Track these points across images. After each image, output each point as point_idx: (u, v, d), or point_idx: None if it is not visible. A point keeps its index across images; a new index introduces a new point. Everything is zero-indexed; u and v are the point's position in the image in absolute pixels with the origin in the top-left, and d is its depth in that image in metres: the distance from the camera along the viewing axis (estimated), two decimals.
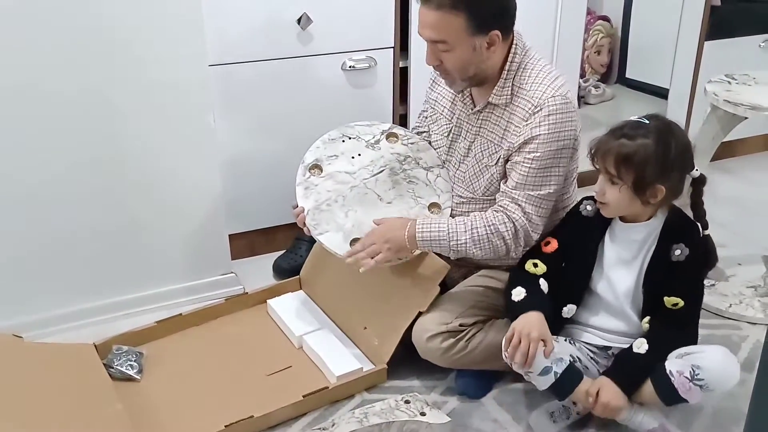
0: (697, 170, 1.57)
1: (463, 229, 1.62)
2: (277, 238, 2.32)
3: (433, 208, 1.78)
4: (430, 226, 1.63)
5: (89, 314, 1.98)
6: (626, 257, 1.60)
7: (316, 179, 1.78)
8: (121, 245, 1.97)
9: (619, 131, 1.51)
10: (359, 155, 1.81)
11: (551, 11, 2.46)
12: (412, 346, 1.72)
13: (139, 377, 1.76)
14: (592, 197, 1.61)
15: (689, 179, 1.57)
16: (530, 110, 1.58)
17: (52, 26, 1.69)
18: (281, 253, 2.27)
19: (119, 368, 1.76)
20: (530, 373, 1.53)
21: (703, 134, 2.05)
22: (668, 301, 1.55)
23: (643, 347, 1.53)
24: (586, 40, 3.27)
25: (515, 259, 1.76)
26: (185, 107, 1.90)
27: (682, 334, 1.56)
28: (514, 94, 1.63)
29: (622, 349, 1.61)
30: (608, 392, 1.52)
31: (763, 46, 2.80)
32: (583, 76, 3.37)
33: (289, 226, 2.18)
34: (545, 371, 1.52)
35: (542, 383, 1.54)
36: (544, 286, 1.62)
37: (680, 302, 1.54)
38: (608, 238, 1.61)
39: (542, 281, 1.62)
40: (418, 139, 1.87)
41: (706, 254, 1.58)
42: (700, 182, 1.58)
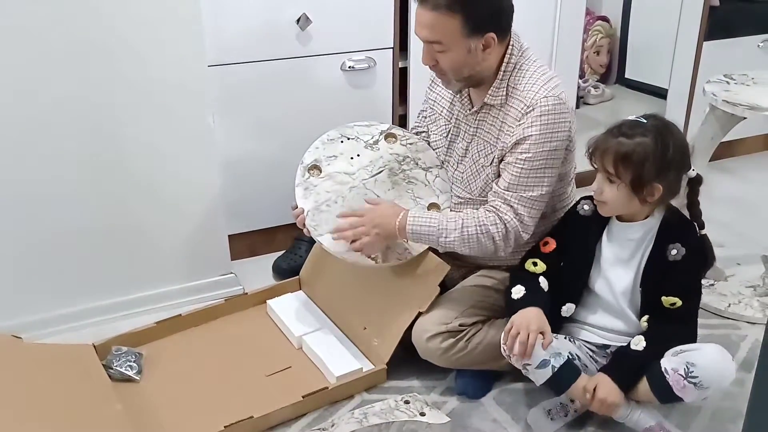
0: (693, 170, 1.58)
1: (453, 226, 1.62)
2: (276, 238, 2.32)
3: (432, 208, 1.78)
4: (421, 219, 1.64)
5: (88, 315, 1.98)
6: (623, 256, 1.60)
7: (315, 180, 1.78)
8: (120, 246, 1.97)
9: (617, 130, 1.52)
10: (358, 156, 1.82)
11: (550, 12, 2.46)
12: (411, 346, 1.72)
13: (138, 378, 1.76)
14: (589, 197, 1.62)
15: (686, 179, 1.58)
16: (523, 110, 1.58)
17: (51, 26, 1.69)
18: (281, 253, 2.27)
19: (119, 369, 1.76)
20: (528, 366, 1.53)
21: (702, 134, 2.05)
22: (666, 300, 1.55)
23: (640, 344, 1.54)
24: (585, 40, 3.27)
25: (514, 258, 1.77)
26: (185, 108, 1.90)
27: (680, 332, 1.56)
28: (509, 94, 1.63)
29: (620, 345, 1.61)
30: (605, 388, 1.53)
31: (761, 46, 2.80)
32: (582, 76, 3.37)
33: (288, 226, 2.18)
34: (543, 364, 1.52)
35: (540, 377, 1.54)
36: (544, 284, 1.62)
37: (678, 302, 1.55)
38: (606, 237, 1.62)
39: (542, 279, 1.63)
40: (416, 139, 1.87)
41: (702, 254, 1.59)
42: (696, 182, 1.59)
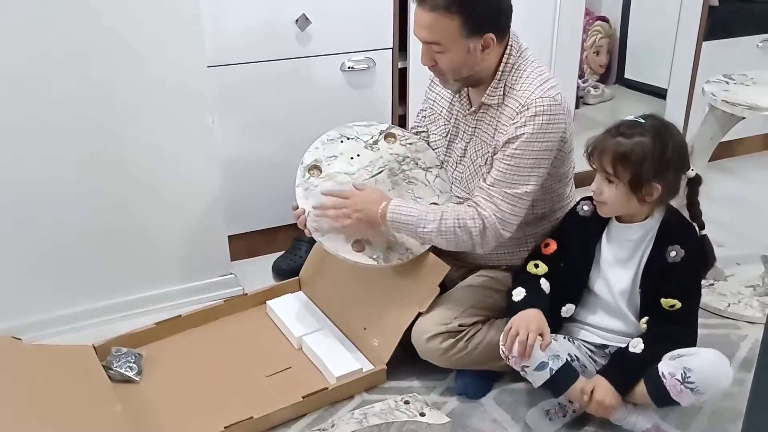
0: (693, 170, 1.58)
1: (432, 218, 1.62)
2: (276, 239, 2.32)
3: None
4: (402, 208, 1.65)
5: (88, 316, 1.98)
6: (622, 257, 1.60)
7: (315, 180, 1.78)
8: (120, 247, 1.97)
9: (615, 130, 1.52)
10: (358, 156, 1.82)
11: (549, 12, 2.46)
12: (411, 346, 1.72)
13: (138, 379, 1.76)
14: (589, 197, 1.62)
15: (685, 179, 1.57)
16: (517, 109, 1.58)
17: (51, 26, 1.69)
18: (281, 254, 2.27)
19: (118, 370, 1.76)
20: (526, 368, 1.53)
21: (701, 134, 2.05)
22: (665, 302, 1.55)
23: (638, 347, 1.54)
24: (584, 40, 3.27)
25: (514, 258, 1.77)
26: (184, 108, 1.90)
27: (679, 334, 1.56)
28: (506, 94, 1.62)
29: (618, 348, 1.61)
30: (602, 391, 1.53)
31: (761, 46, 2.80)
32: (582, 76, 3.38)
33: (288, 227, 2.18)
34: (541, 366, 1.52)
35: (538, 379, 1.54)
36: (545, 285, 1.63)
37: (677, 304, 1.54)
38: (605, 238, 1.62)
39: (543, 281, 1.63)
40: (416, 139, 1.87)
41: (702, 255, 1.58)
42: (696, 182, 1.59)
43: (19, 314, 1.89)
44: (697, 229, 1.59)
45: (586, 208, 1.64)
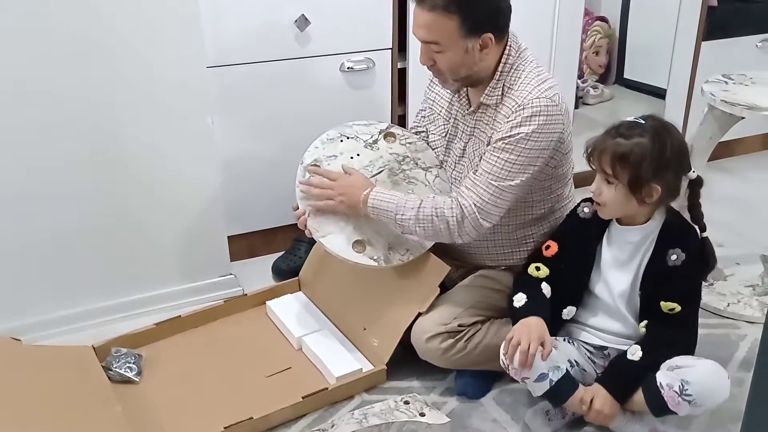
0: (694, 172, 1.57)
1: (411, 206, 1.63)
2: (276, 239, 2.32)
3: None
4: (384, 195, 1.66)
5: (88, 316, 1.98)
6: (622, 259, 1.60)
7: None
8: (119, 247, 1.97)
9: (615, 131, 1.51)
10: (358, 155, 1.81)
11: (548, 12, 2.46)
12: (411, 346, 1.72)
13: (138, 379, 1.76)
14: (590, 199, 1.61)
15: (686, 181, 1.56)
16: (513, 108, 1.58)
17: (52, 26, 1.69)
18: (280, 254, 2.27)
19: (118, 370, 1.76)
20: (526, 379, 1.53)
21: (700, 134, 2.05)
22: (665, 305, 1.54)
23: (637, 354, 1.53)
24: (584, 40, 3.27)
25: (513, 258, 1.77)
26: (184, 108, 1.90)
27: (678, 339, 1.55)
28: (504, 94, 1.62)
29: (617, 351, 1.61)
30: (601, 400, 1.53)
31: (760, 46, 2.81)
32: (581, 76, 3.38)
33: (288, 227, 2.18)
34: (541, 378, 1.52)
35: (538, 389, 1.54)
36: (546, 290, 1.62)
37: (677, 307, 1.54)
38: (605, 240, 1.62)
39: (544, 285, 1.63)
40: (416, 138, 1.87)
41: (703, 258, 1.57)
42: (697, 184, 1.57)
43: (18, 315, 1.89)
44: (698, 231, 1.58)
45: (586, 210, 1.64)
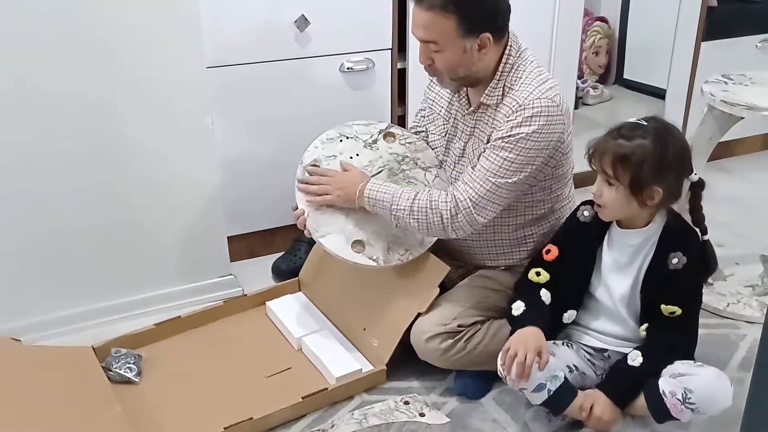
0: (695, 174, 1.55)
1: (406, 197, 1.63)
2: (275, 239, 2.32)
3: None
4: (380, 186, 1.67)
5: (87, 317, 1.98)
6: (622, 262, 1.59)
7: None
8: (119, 247, 1.97)
9: (616, 132, 1.50)
10: (357, 155, 1.81)
11: (548, 12, 2.46)
12: (411, 347, 1.72)
13: (137, 380, 1.76)
14: (589, 201, 1.61)
15: (688, 184, 1.55)
16: (513, 108, 1.58)
17: (51, 26, 1.69)
18: (280, 254, 2.27)
19: (118, 371, 1.76)
20: (524, 389, 1.53)
21: (699, 134, 2.05)
22: (665, 309, 1.54)
23: (637, 360, 1.53)
24: (583, 41, 3.27)
25: (513, 258, 1.77)
26: (183, 109, 1.90)
27: (679, 343, 1.55)
28: (504, 94, 1.62)
29: (617, 356, 1.60)
30: (601, 406, 1.53)
31: (759, 46, 2.81)
32: (581, 77, 3.38)
33: (287, 227, 2.18)
34: (539, 388, 1.52)
35: (536, 399, 1.54)
36: (545, 296, 1.61)
37: (677, 310, 1.53)
38: (606, 243, 1.61)
39: (544, 291, 1.61)
40: (415, 138, 1.87)
41: (704, 261, 1.57)
42: (699, 186, 1.56)
43: (18, 315, 1.89)
44: (699, 234, 1.57)
45: (586, 213, 1.62)
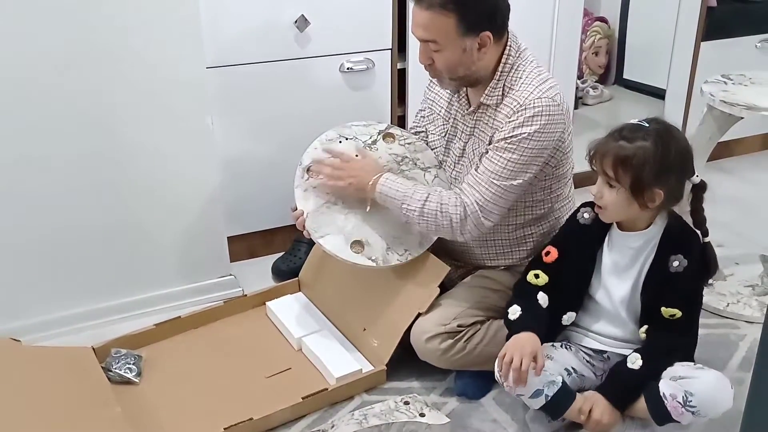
0: (697, 176, 1.54)
1: (418, 197, 1.63)
2: (275, 240, 2.32)
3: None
4: (393, 183, 1.67)
5: (87, 317, 1.98)
6: (623, 264, 1.58)
7: (314, 181, 1.78)
8: (119, 248, 1.97)
9: (618, 133, 1.49)
10: (356, 157, 1.81)
11: (548, 13, 2.46)
12: (411, 347, 1.72)
13: (137, 380, 1.76)
14: (589, 203, 1.60)
15: (689, 185, 1.55)
16: (515, 108, 1.58)
17: (51, 26, 1.69)
18: (280, 255, 2.27)
19: (118, 371, 1.76)
20: (522, 395, 1.53)
21: (699, 134, 2.05)
22: (666, 311, 1.53)
23: (637, 363, 1.52)
24: (583, 41, 3.27)
25: (513, 258, 1.77)
26: (183, 109, 1.90)
27: (679, 346, 1.55)
28: (504, 94, 1.62)
29: (617, 357, 1.60)
30: (601, 409, 1.52)
31: (759, 46, 2.81)
32: (581, 77, 3.38)
33: (287, 228, 2.18)
34: (537, 394, 1.51)
35: (534, 405, 1.54)
36: (542, 299, 1.61)
37: (678, 313, 1.53)
38: (606, 245, 1.60)
39: (541, 295, 1.61)
40: (414, 139, 1.87)
41: (705, 264, 1.56)
42: (700, 188, 1.55)
43: (18, 316, 1.89)
44: (700, 236, 1.56)
45: (586, 215, 1.61)
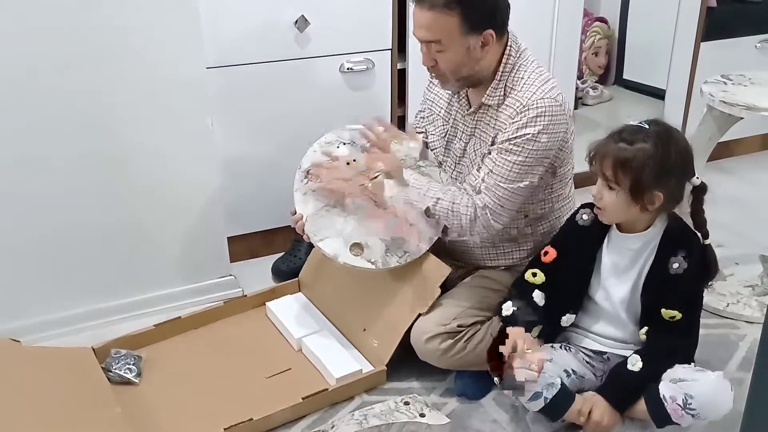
0: (697, 178, 1.54)
1: (432, 194, 1.67)
2: (275, 240, 2.32)
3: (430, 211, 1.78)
4: (409, 179, 1.71)
5: (87, 318, 1.98)
6: (622, 266, 1.58)
7: (313, 185, 1.78)
8: (119, 248, 1.97)
9: (618, 135, 1.49)
10: (354, 161, 1.81)
11: (548, 13, 2.46)
12: (411, 347, 1.72)
13: (137, 381, 1.76)
14: (589, 204, 1.60)
15: (689, 187, 1.54)
16: (518, 109, 1.58)
17: (52, 26, 1.69)
18: (280, 255, 2.27)
19: (118, 372, 1.76)
20: (520, 398, 1.53)
21: (699, 135, 2.05)
22: (666, 313, 1.53)
23: (637, 365, 1.52)
24: (583, 41, 3.27)
25: (513, 258, 1.77)
26: (183, 109, 1.90)
27: (679, 347, 1.55)
28: (506, 95, 1.63)
29: (617, 359, 1.60)
30: (600, 411, 1.52)
31: (759, 46, 2.81)
32: (580, 77, 3.38)
33: (287, 228, 2.18)
34: (535, 396, 1.51)
35: (533, 407, 1.54)
36: (538, 297, 1.61)
37: (678, 315, 1.53)
38: (605, 246, 1.60)
39: (537, 293, 1.61)
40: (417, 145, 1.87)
41: (705, 266, 1.56)
42: (700, 190, 1.54)
43: (18, 316, 1.89)
44: (700, 238, 1.56)
45: (585, 217, 1.61)
